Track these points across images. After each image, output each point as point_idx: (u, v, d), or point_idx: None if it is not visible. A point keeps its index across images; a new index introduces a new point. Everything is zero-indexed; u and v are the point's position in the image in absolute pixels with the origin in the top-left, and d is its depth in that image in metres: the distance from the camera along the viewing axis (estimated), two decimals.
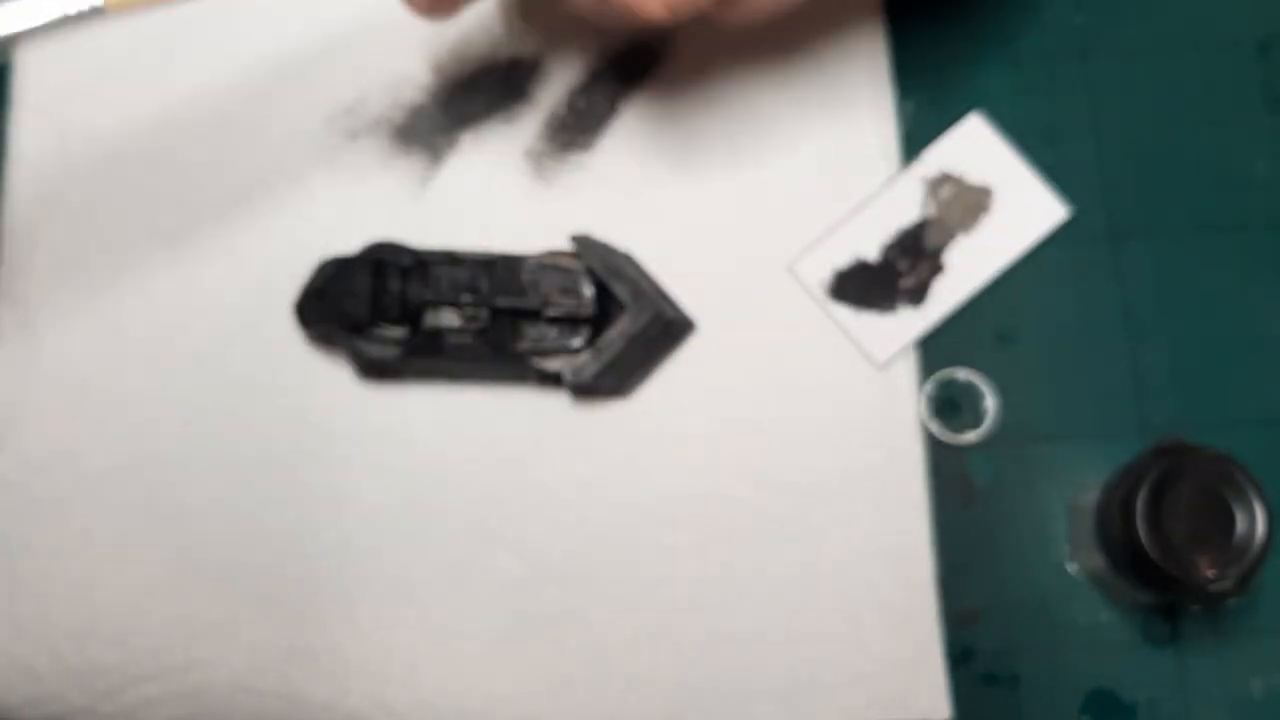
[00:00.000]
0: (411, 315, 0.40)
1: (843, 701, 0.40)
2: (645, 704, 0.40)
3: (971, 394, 0.43)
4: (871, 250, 0.43)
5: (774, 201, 0.44)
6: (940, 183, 0.44)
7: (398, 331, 0.40)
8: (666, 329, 0.41)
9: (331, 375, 0.42)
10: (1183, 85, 0.45)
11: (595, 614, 0.41)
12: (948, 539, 0.42)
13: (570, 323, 0.40)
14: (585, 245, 0.41)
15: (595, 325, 0.41)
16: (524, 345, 0.40)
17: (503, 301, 0.40)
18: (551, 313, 0.40)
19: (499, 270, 0.40)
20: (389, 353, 0.40)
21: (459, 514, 0.41)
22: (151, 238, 0.44)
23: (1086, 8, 0.46)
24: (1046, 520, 0.42)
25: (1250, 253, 0.44)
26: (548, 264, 0.41)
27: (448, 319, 0.40)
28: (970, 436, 0.42)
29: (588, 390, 0.42)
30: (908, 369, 0.43)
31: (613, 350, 0.40)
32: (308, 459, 0.42)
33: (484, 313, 0.40)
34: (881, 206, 0.44)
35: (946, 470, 0.42)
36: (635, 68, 0.44)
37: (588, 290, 0.40)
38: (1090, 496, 0.39)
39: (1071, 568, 0.42)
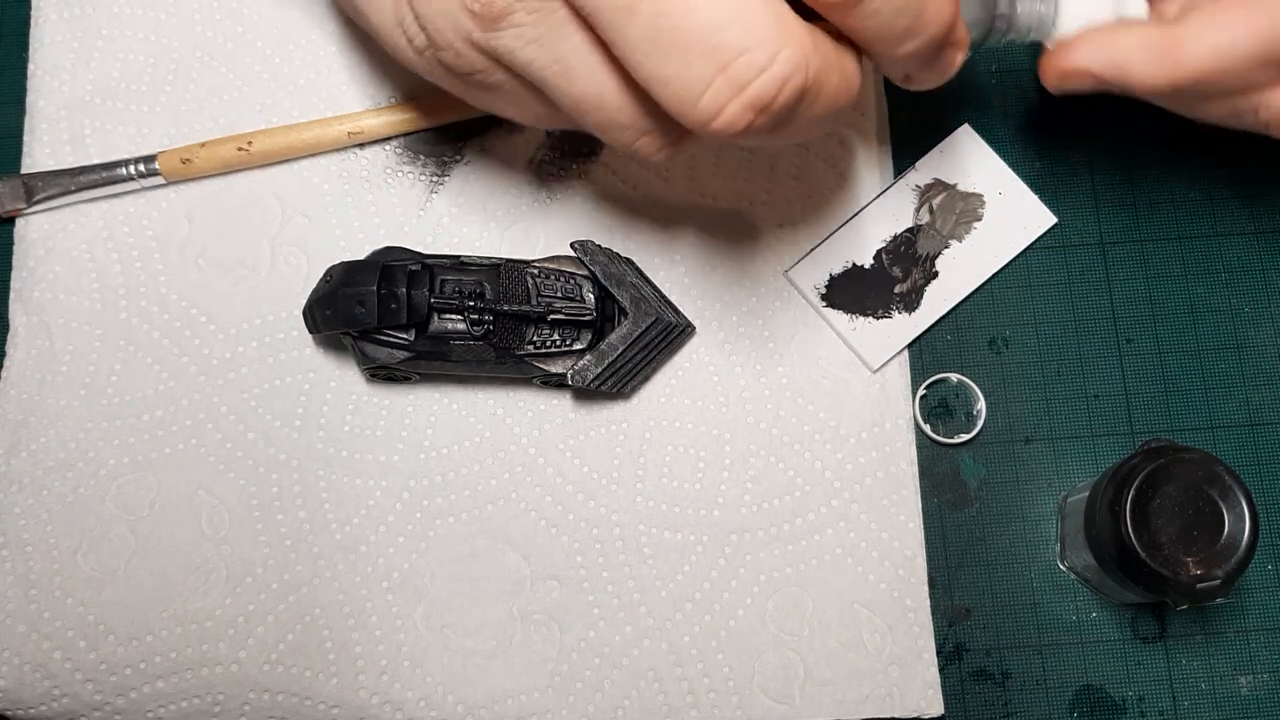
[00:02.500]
0: (418, 319, 0.40)
1: (837, 696, 0.40)
2: (645, 699, 0.40)
3: (963, 397, 0.44)
4: (866, 257, 0.44)
5: (771, 209, 0.45)
6: (932, 192, 0.45)
7: (404, 335, 0.40)
8: (667, 333, 0.42)
9: (339, 377, 0.43)
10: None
11: (597, 611, 0.41)
12: (940, 538, 0.42)
13: (573, 326, 0.41)
14: (588, 251, 0.42)
15: (597, 329, 0.41)
16: (528, 348, 0.41)
17: (507, 306, 0.40)
18: (555, 317, 0.41)
19: (504, 275, 0.41)
20: (396, 356, 0.40)
21: (464, 513, 0.42)
22: (164, 245, 0.44)
23: None
24: (1037, 520, 0.43)
25: (1235, 260, 0.45)
26: (551, 269, 0.41)
27: (453, 323, 0.41)
28: (962, 438, 0.43)
29: (590, 392, 0.42)
30: (901, 372, 0.43)
31: (614, 353, 0.41)
32: (316, 459, 0.42)
33: (489, 317, 0.40)
34: (875, 214, 0.44)
35: (939, 471, 0.43)
36: None
37: (590, 295, 0.41)
38: (1080, 496, 0.40)
39: (1061, 566, 0.42)
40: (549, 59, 0.31)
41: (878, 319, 0.43)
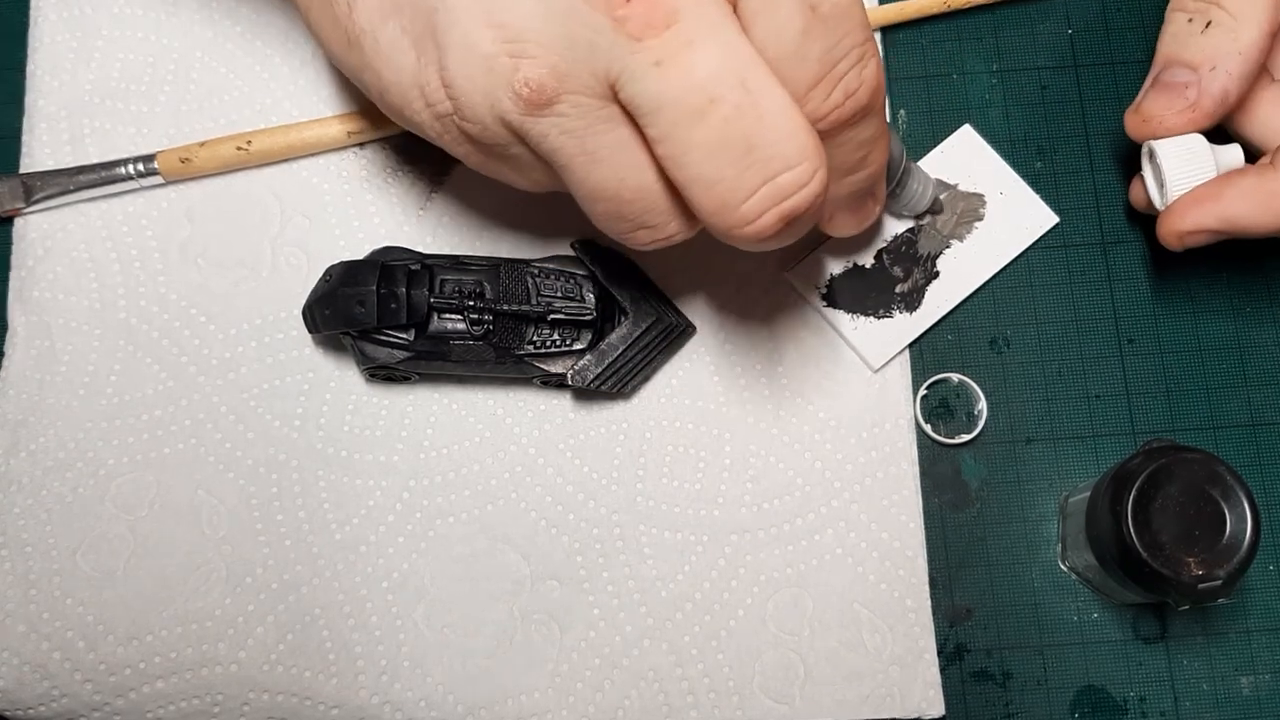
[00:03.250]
0: (418, 319, 0.40)
1: (837, 697, 0.40)
2: (645, 699, 0.40)
3: (964, 396, 0.44)
4: (866, 257, 0.44)
5: None
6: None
7: (404, 335, 0.40)
8: (667, 332, 0.42)
9: (339, 377, 0.43)
10: None
11: (597, 611, 0.41)
12: (941, 538, 0.42)
13: (573, 326, 0.41)
14: (588, 250, 0.42)
15: (597, 329, 0.41)
16: (528, 348, 0.41)
17: (507, 306, 0.40)
18: (555, 317, 0.41)
19: (504, 275, 0.41)
20: (396, 356, 0.40)
21: (464, 513, 0.42)
22: (164, 244, 0.44)
23: (1076, 21, 0.47)
24: (1038, 520, 0.42)
25: (1237, 260, 0.45)
26: (551, 269, 0.41)
27: (453, 323, 0.41)
28: (963, 438, 0.43)
29: (590, 392, 0.42)
30: (902, 372, 0.43)
31: (614, 353, 0.41)
32: (316, 459, 0.42)
33: (489, 317, 0.40)
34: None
35: (940, 471, 0.43)
36: None
37: (590, 295, 0.41)
38: (1081, 497, 0.40)
39: (1063, 567, 0.42)
40: (578, 149, 0.32)
41: (879, 319, 0.43)
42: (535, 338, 0.41)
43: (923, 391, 0.44)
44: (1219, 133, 0.41)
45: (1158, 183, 0.41)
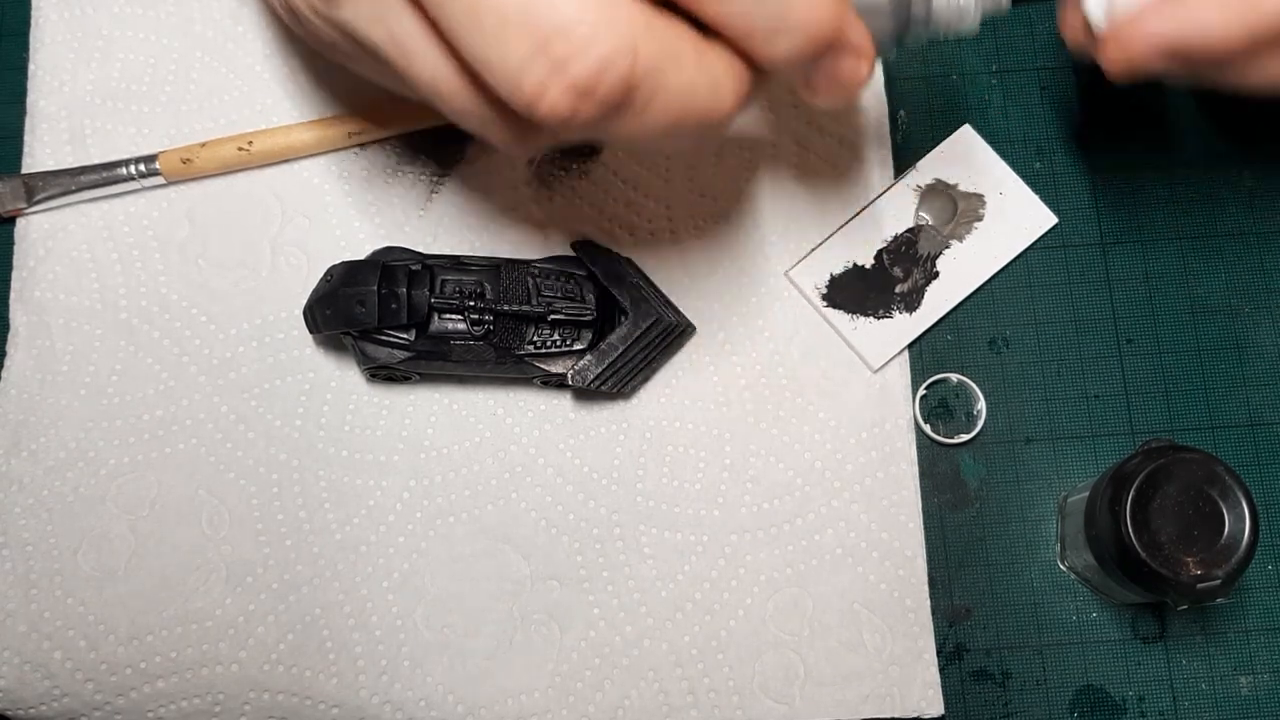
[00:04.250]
0: (418, 319, 0.40)
1: (837, 696, 0.40)
2: (645, 699, 0.40)
3: (964, 397, 0.44)
4: (866, 257, 0.44)
5: (772, 209, 0.45)
6: (933, 192, 0.45)
7: (405, 335, 0.40)
8: (667, 332, 0.42)
9: (339, 377, 0.43)
10: (1171, 96, 0.46)
11: (597, 611, 0.41)
12: (940, 538, 0.42)
13: (573, 326, 0.41)
14: (588, 251, 0.42)
15: (597, 329, 0.41)
16: (528, 348, 0.41)
17: (507, 306, 0.40)
18: (555, 317, 0.41)
19: (504, 275, 0.41)
20: (396, 356, 0.40)
21: (465, 513, 0.42)
22: (164, 244, 0.45)
23: None
24: (1037, 520, 0.43)
25: (1235, 260, 0.45)
26: (551, 269, 0.41)
27: (454, 323, 0.41)
28: (962, 438, 0.43)
29: (590, 392, 0.42)
30: (902, 372, 0.43)
31: (614, 353, 0.41)
32: (317, 459, 0.42)
33: (489, 317, 0.40)
34: (876, 214, 0.44)
35: (939, 471, 0.43)
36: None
37: (590, 295, 0.41)
38: (1080, 497, 0.40)
39: (1062, 567, 0.42)
40: (386, 36, 0.31)
41: (878, 319, 0.43)
42: (535, 338, 0.41)
43: (922, 391, 0.44)
44: None
45: (969, 5, 0.34)
